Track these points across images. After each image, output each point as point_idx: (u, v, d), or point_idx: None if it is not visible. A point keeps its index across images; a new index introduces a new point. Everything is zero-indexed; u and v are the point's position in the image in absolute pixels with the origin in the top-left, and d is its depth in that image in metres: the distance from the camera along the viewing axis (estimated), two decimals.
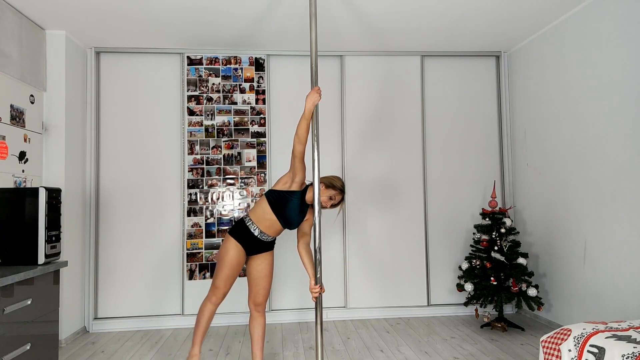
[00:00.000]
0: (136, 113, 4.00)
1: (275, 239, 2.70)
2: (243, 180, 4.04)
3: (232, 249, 2.55)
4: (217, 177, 4.01)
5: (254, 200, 4.03)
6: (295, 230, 2.74)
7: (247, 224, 2.56)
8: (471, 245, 3.85)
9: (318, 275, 2.48)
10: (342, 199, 2.64)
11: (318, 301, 2.48)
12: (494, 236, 3.65)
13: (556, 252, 3.62)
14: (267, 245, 2.65)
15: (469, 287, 3.59)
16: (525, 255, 3.60)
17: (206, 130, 4.03)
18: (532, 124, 3.92)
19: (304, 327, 3.81)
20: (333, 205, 2.62)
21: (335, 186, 2.57)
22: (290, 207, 2.52)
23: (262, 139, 4.08)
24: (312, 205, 2.64)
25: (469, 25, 3.64)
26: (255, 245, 2.60)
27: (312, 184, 2.57)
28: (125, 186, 3.94)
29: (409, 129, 4.23)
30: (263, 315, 2.72)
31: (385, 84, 4.23)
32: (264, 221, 2.55)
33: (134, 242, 3.92)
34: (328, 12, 3.31)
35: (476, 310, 3.77)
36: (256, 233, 2.55)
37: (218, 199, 4.00)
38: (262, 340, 2.72)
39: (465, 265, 3.73)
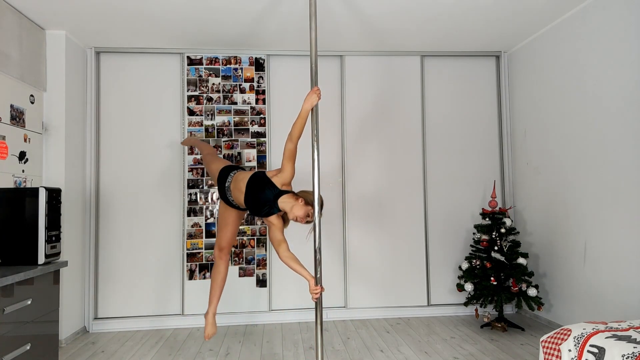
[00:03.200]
0: (136, 113, 3.99)
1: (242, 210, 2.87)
2: None
3: (221, 205, 2.92)
4: None
5: None
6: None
7: (227, 180, 2.76)
8: (471, 245, 3.85)
9: (318, 276, 2.49)
10: (314, 214, 2.50)
11: (318, 301, 2.48)
12: (494, 236, 3.65)
13: (556, 252, 3.62)
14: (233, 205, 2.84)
15: (469, 287, 3.59)
16: (525, 255, 3.60)
17: (206, 130, 4.03)
18: (532, 124, 3.92)
19: (304, 327, 3.81)
20: (307, 222, 2.59)
21: (309, 203, 2.53)
22: (261, 194, 2.57)
23: (262, 139, 4.08)
24: (284, 216, 2.68)
25: (469, 25, 3.64)
26: (225, 196, 2.80)
27: (294, 195, 2.57)
28: (125, 186, 3.94)
29: (409, 129, 4.22)
30: (227, 262, 2.95)
31: (385, 84, 4.23)
32: (236, 189, 2.70)
33: (134, 242, 3.92)
34: (328, 11, 3.31)
35: (476, 310, 3.77)
36: (228, 194, 2.75)
37: (218, 199, 4.00)
38: (221, 289, 2.92)
39: (465, 265, 3.73)
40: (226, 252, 2.93)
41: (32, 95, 3.34)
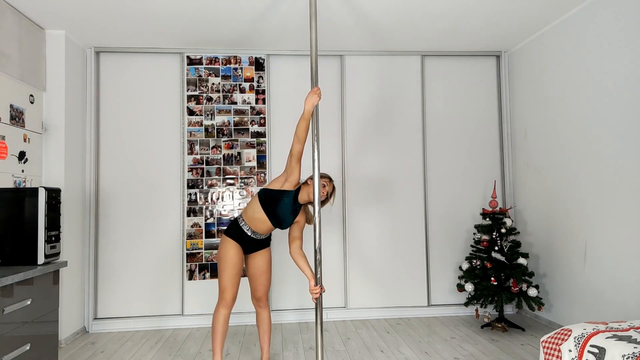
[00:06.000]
0: (136, 113, 3.99)
1: (270, 236, 2.73)
2: (243, 180, 4.03)
3: (231, 249, 2.58)
4: (217, 177, 4.01)
5: None
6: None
7: (240, 225, 2.60)
8: (471, 246, 3.85)
9: (318, 276, 2.48)
10: (334, 188, 2.66)
11: (318, 301, 2.48)
12: (494, 236, 3.64)
13: (556, 252, 3.61)
14: (262, 243, 2.69)
15: (469, 287, 3.59)
16: (525, 256, 3.59)
17: (206, 130, 4.03)
18: (532, 124, 3.92)
19: (304, 328, 3.81)
20: (327, 197, 2.64)
21: (322, 176, 2.61)
22: (282, 206, 2.54)
23: (262, 139, 4.07)
24: (305, 206, 2.67)
25: (469, 25, 3.63)
26: (251, 244, 2.64)
27: (304, 183, 2.60)
28: (125, 186, 3.94)
29: (409, 129, 4.22)
30: (266, 309, 2.78)
31: (385, 83, 4.23)
32: (255, 220, 2.57)
33: (133, 242, 3.92)
34: (328, 11, 3.31)
35: (476, 310, 3.77)
36: (249, 233, 2.59)
37: (218, 199, 4.00)
38: (267, 335, 2.78)
39: (465, 266, 3.73)
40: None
41: (31, 95, 3.34)
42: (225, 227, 3.99)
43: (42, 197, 2.43)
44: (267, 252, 2.74)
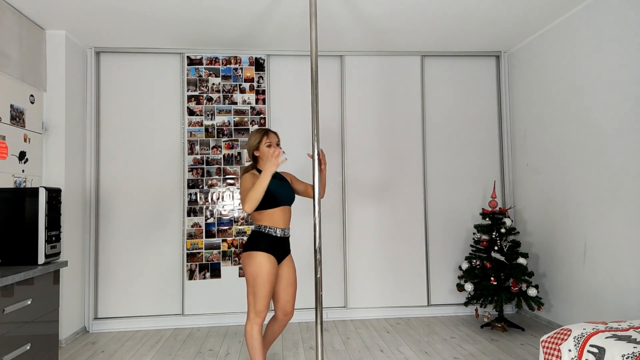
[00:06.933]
0: (136, 113, 4.00)
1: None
2: None
3: (266, 263, 2.37)
4: (217, 177, 4.01)
5: None
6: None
7: (267, 232, 2.45)
8: (471, 245, 3.85)
9: (318, 276, 2.48)
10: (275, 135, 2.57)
11: (318, 301, 2.48)
12: (494, 236, 3.65)
13: (556, 252, 3.62)
14: (287, 244, 2.59)
15: (469, 287, 3.59)
16: (525, 255, 3.60)
17: (206, 130, 4.03)
18: (532, 124, 3.93)
19: (304, 327, 3.81)
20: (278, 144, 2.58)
21: (265, 132, 2.53)
22: (279, 188, 2.48)
23: None
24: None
25: (469, 26, 3.64)
26: (281, 246, 2.50)
27: (255, 161, 2.58)
28: (126, 186, 3.94)
29: (408, 129, 4.23)
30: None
31: (385, 84, 4.23)
32: (277, 217, 2.47)
33: (134, 242, 3.92)
34: (328, 12, 3.31)
35: (476, 310, 3.77)
36: (280, 234, 2.48)
37: (218, 199, 4.00)
38: (273, 341, 2.73)
39: (465, 265, 3.73)
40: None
41: (32, 95, 3.34)
42: (245, 245, 3.98)
43: (42, 197, 2.43)
44: (291, 258, 2.63)
